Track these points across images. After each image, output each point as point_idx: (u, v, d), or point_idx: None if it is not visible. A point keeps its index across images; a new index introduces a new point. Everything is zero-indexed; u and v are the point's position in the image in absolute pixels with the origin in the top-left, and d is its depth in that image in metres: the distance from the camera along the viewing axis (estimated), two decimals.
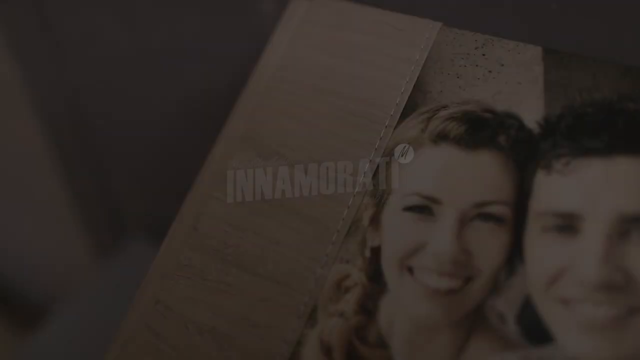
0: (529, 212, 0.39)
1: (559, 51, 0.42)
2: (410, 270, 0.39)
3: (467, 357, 0.37)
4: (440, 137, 0.41)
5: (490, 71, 0.43)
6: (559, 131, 0.39)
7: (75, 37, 0.80)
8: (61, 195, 1.03)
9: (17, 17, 0.83)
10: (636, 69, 0.40)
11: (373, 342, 0.39)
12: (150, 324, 0.43)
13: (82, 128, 0.89)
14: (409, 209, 0.40)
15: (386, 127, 0.43)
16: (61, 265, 1.19)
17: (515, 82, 0.42)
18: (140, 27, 0.74)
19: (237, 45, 0.67)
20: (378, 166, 0.42)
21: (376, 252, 0.40)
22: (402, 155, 0.41)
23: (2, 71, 0.90)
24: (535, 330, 0.37)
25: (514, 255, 0.38)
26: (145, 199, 0.92)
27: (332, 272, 0.41)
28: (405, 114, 0.43)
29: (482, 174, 0.40)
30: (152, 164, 0.87)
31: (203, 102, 0.74)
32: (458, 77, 0.43)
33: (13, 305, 1.35)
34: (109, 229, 1.03)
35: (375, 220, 0.41)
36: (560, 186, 0.38)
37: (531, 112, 0.41)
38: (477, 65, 0.43)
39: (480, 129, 0.41)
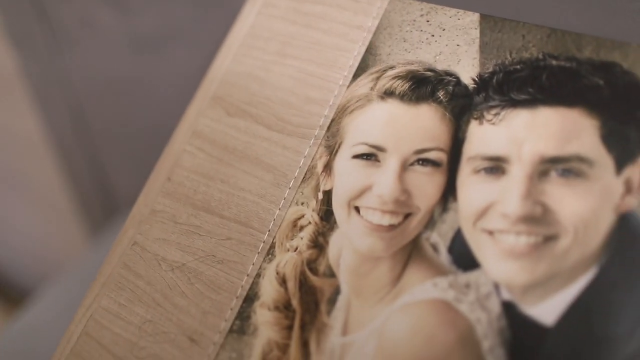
0: (462, 157, 0.43)
1: (493, 16, 0.46)
2: (357, 209, 0.44)
3: (405, 283, 0.42)
4: (387, 94, 0.46)
5: (433, 35, 0.47)
6: (491, 86, 0.44)
7: (71, 24, 0.85)
8: (53, 175, 1.07)
9: (13, 5, 0.88)
10: (560, 31, 0.45)
11: (323, 273, 0.44)
12: (128, 263, 0.48)
13: (75, 109, 0.94)
14: (358, 156, 0.45)
15: (340, 86, 0.48)
16: (52, 243, 1.23)
17: (455, 44, 0.46)
18: (132, 13, 0.78)
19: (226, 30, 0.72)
20: (332, 120, 0.47)
21: (328, 195, 0.45)
22: None
23: None
24: (464, 258, 0.41)
25: (448, 194, 0.43)
26: (137, 177, 0.97)
27: (289, 213, 0.45)
28: (357, 75, 0.48)
29: (422, 125, 0.44)
30: (144, 142, 0.91)
31: (194, 85, 0.79)
32: (405, 41, 0.48)
33: (1, 285, 1.38)
34: (100, 206, 1.07)
35: (327, 167, 0.46)
36: (490, 134, 0.43)
37: (467, 70, 0.45)
38: (421, 30, 0.48)
39: (422, 85, 0.45)
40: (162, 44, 0.77)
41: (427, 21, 0.48)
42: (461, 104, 0.44)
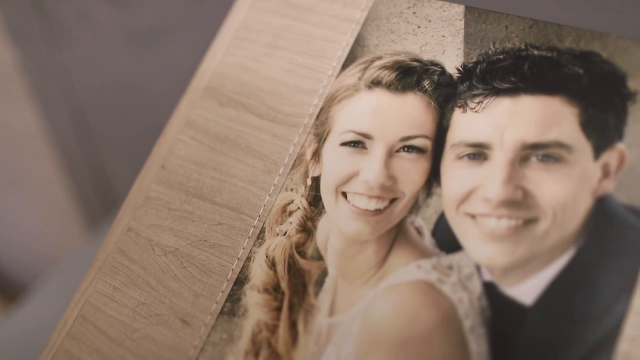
0: (446, 144, 0.44)
1: (477, 8, 0.48)
2: (344, 195, 0.45)
3: (389, 265, 0.43)
4: (375, 83, 0.47)
5: (419, 26, 0.49)
6: (475, 75, 0.45)
7: (68, 20, 0.86)
8: (51, 169, 1.09)
9: (11, 1, 0.89)
10: (542, 22, 0.46)
11: (311, 256, 0.45)
12: (123, 248, 0.49)
13: (72, 103, 0.95)
14: (345, 144, 0.46)
15: (329, 76, 0.49)
16: (50, 238, 1.25)
17: (440, 35, 0.48)
18: (129, 8, 0.80)
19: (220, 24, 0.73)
20: (321, 109, 0.48)
21: (316, 181, 0.46)
22: None
23: None
24: (447, 241, 0.43)
25: (432, 179, 0.44)
26: (134, 171, 0.98)
27: (279, 199, 0.47)
28: (345, 65, 0.49)
29: (408, 113, 0.46)
30: (141, 136, 0.93)
31: (190, 78, 0.80)
32: (392, 33, 0.49)
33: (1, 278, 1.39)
34: (98, 201, 1.08)
35: (316, 155, 0.47)
36: (474, 121, 0.44)
37: (452, 60, 0.47)
38: (408, 22, 0.49)
39: (408, 75, 0.47)
40: (158, 38, 0.78)
41: (414, 13, 0.49)
42: (446, 92, 0.46)
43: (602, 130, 0.42)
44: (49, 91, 0.97)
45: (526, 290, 0.40)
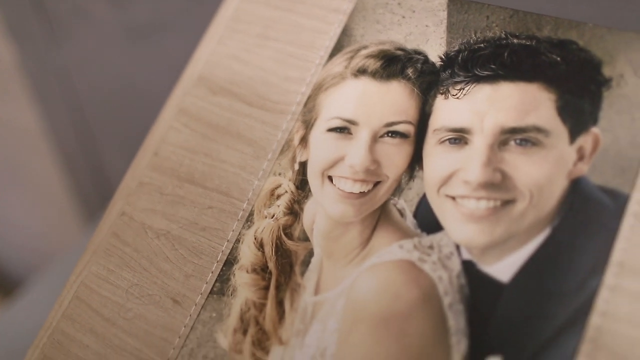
0: (429, 129, 0.46)
1: None
2: (330, 178, 0.47)
3: (373, 245, 0.45)
4: (360, 72, 0.49)
5: (404, 17, 0.50)
6: (457, 63, 0.47)
7: (67, 16, 0.88)
8: (49, 166, 1.10)
9: None
10: (522, 12, 0.47)
11: (297, 237, 0.46)
12: (116, 232, 0.51)
13: (71, 100, 0.97)
14: (332, 129, 0.48)
15: (317, 65, 0.51)
16: (48, 234, 1.26)
17: (424, 25, 0.49)
18: (126, 4, 0.81)
19: None
20: (309, 97, 0.50)
21: (303, 165, 0.48)
22: None
23: None
24: (428, 222, 0.44)
25: (415, 163, 0.46)
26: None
27: (267, 183, 0.48)
28: (333, 54, 0.51)
29: (392, 100, 0.47)
30: (140, 132, 0.94)
31: None
32: (378, 23, 0.51)
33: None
34: (97, 198, 1.10)
35: (304, 140, 0.49)
36: (455, 107, 0.46)
37: (435, 48, 0.48)
38: (393, 13, 0.51)
39: (393, 63, 0.48)
40: (155, 34, 0.80)
41: (399, 4, 0.51)
42: (428, 80, 0.47)
43: (577, 115, 0.43)
44: (47, 88, 0.99)
45: (503, 268, 0.42)
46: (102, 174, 1.08)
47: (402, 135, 0.46)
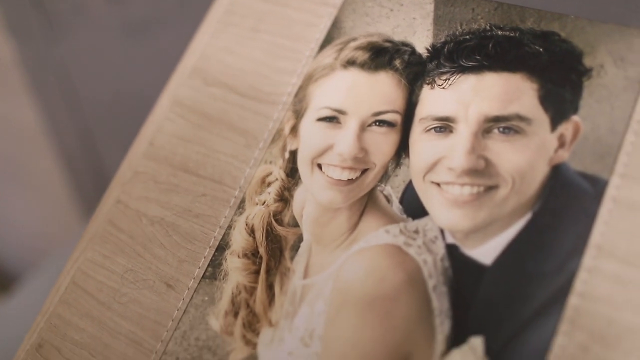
0: (415, 118, 0.47)
1: None
2: (319, 166, 0.48)
3: (360, 230, 0.46)
4: (349, 63, 0.50)
5: (392, 10, 0.52)
6: (443, 54, 0.48)
7: (65, 12, 0.89)
8: (48, 162, 1.11)
9: None
10: (506, 4, 0.49)
11: (287, 223, 0.48)
12: (112, 219, 0.52)
13: (69, 92, 0.98)
14: (321, 119, 0.49)
15: (307, 57, 0.52)
16: (48, 231, 1.27)
17: (411, 18, 0.51)
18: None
19: None
20: (299, 88, 0.51)
21: (293, 154, 0.49)
22: None
23: None
24: (413, 207, 0.45)
25: (401, 151, 0.47)
26: None
27: (258, 171, 0.50)
28: (323, 46, 0.52)
29: (380, 90, 0.49)
30: (138, 128, 0.95)
31: None
32: (367, 16, 0.52)
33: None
34: (96, 194, 1.11)
35: (294, 130, 0.50)
36: (441, 97, 0.47)
37: (422, 40, 0.50)
38: (382, 6, 0.52)
39: (381, 55, 0.50)
40: (152, 29, 0.81)
41: None
42: (415, 71, 0.48)
43: (559, 104, 0.45)
44: (46, 84, 1.00)
45: (486, 252, 0.43)
46: (101, 170, 1.09)
47: (389, 124, 0.47)
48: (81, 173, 1.12)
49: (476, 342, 0.41)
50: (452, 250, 0.44)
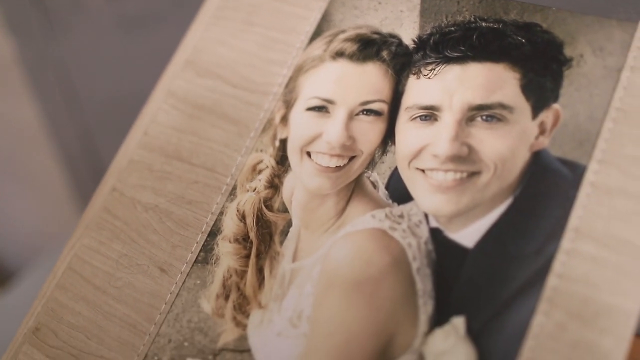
0: (401, 107, 0.49)
1: None
2: (308, 154, 0.49)
3: (347, 215, 0.47)
4: (338, 54, 0.51)
5: (380, 2, 0.53)
6: (429, 45, 0.50)
7: (64, 9, 0.91)
8: (48, 160, 1.12)
9: None
10: None
11: (277, 209, 0.49)
12: (108, 206, 0.54)
13: (68, 89, 0.99)
14: (311, 109, 0.50)
15: (297, 49, 0.54)
16: (48, 228, 1.28)
17: (399, 10, 0.52)
18: None
19: None
20: (290, 79, 0.53)
21: (284, 142, 0.51)
22: None
23: None
24: (399, 193, 0.47)
25: (387, 138, 0.48)
26: None
27: (249, 159, 0.51)
28: (313, 38, 0.54)
29: (368, 80, 0.50)
30: (135, 120, 0.97)
31: None
32: (355, 9, 0.53)
33: None
34: (94, 187, 1.12)
35: (284, 119, 0.51)
36: (426, 86, 0.48)
37: (409, 32, 0.51)
38: None
39: (369, 46, 0.51)
40: (149, 25, 0.83)
41: None
42: (402, 61, 0.50)
43: (540, 93, 0.46)
44: (45, 81, 1.01)
45: (468, 235, 0.44)
46: (100, 166, 1.11)
47: (376, 113, 0.49)
48: (80, 170, 1.13)
49: (458, 322, 0.42)
50: (436, 234, 0.45)
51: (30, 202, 1.28)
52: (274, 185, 0.50)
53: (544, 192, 0.44)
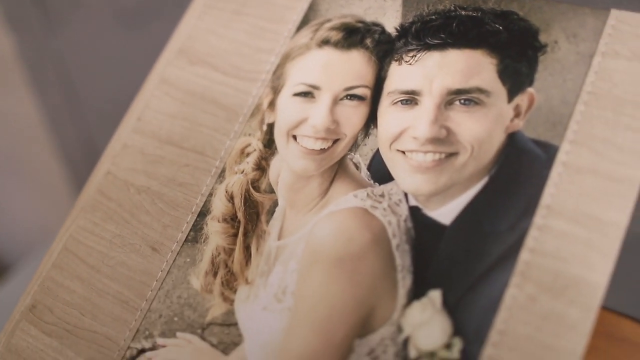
0: (383, 92, 0.51)
1: None
2: (294, 137, 0.51)
3: (331, 195, 0.49)
4: (324, 42, 0.53)
5: None
6: (410, 33, 0.51)
7: (62, 5, 0.93)
8: (48, 155, 1.14)
9: None
10: None
11: (264, 190, 0.51)
12: (102, 189, 0.56)
13: (67, 83, 1.01)
14: (297, 94, 0.52)
15: (285, 37, 0.56)
16: (47, 223, 1.30)
17: (382, 0, 0.54)
18: None
19: None
20: (277, 66, 0.55)
21: (271, 127, 0.53)
22: None
23: None
24: (380, 174, 0.49)
25: (370, 122, 0.50)
26: None
27: (238, 143, 0.53)
28: (300, 27, 0.56)
29: (352, 67, 0.52)
30: None
31: None
32: None
33: None
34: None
35: (272, 104, 0.53)
36: (407, 72, 0.50)
37: (392, 21, 0.53)
38: None
39: (353, 34, 0.53)
40: (146, 18, 0.85)
41: None
42: (385, 49, 0.52)
43: (515, 77, 0.48)
44: (44, 76, 1.03)
45: (445, 213, 0.46)
46: (99, 160, 1.12)
47: (360, 98, 0.51)
48: (78, 164, 1.15)
49: (435, 295, 0.44)
50: (415, 212, 0.47)
51: (29, 196, 1.29)
52: (261, 167, 0.52)
53: (518, 172, 0.46)
